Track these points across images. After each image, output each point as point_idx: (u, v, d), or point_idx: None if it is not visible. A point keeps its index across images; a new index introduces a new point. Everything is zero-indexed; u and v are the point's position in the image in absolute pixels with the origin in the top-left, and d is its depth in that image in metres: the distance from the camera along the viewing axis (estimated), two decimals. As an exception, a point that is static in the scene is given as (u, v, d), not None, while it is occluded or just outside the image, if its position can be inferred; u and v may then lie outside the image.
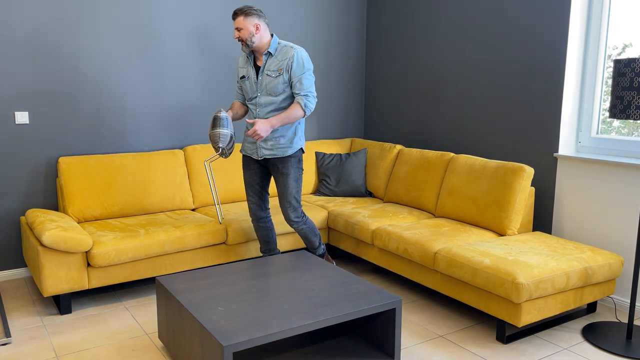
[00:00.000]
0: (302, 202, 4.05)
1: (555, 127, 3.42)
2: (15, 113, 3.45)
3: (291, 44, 3.12)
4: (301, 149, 3.22)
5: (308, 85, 3.06)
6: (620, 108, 2.55)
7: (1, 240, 3.54)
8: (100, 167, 3.56)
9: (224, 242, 3.49)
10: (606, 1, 3.25)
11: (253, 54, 3.15)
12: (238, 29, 3.03)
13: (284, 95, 3.08)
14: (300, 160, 3.21)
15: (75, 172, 3.48)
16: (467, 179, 3.49)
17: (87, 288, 3.07)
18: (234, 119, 3.27)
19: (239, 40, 3.07)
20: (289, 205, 3.20)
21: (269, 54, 3.08)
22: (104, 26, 3.65)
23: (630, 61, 2.49)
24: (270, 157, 3.16)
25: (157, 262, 3.27)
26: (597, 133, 3.40)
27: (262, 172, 3.29)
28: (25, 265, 3.65)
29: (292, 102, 3.11)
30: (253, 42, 3.05)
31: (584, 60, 3.40)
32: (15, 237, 3.58)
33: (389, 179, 4.13)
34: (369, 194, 4.29)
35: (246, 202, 4.02)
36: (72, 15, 3.54)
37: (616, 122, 3.31)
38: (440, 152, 3.80)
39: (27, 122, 3.49)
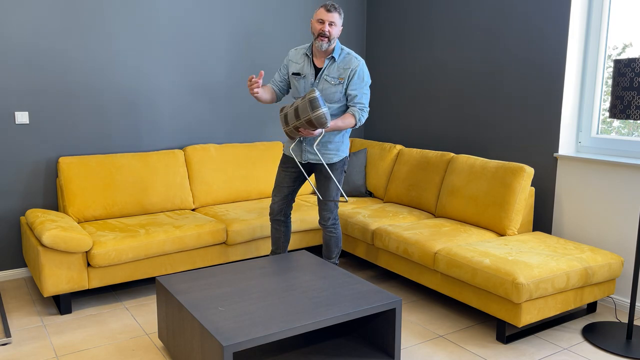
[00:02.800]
0: (303, 202, 4.04)
1: (555, 127, 3.42)
2: (15, 113, 3.45)
3: (354, 53, 3.09)
4: (346, 156, 3.21)
5: (365, 99, 3.05)
6: (620, 108, 2.55)
7: (1, 240, 3.54)
8: (100, 167, 3.56)
9: (224, 242, 3.49)
10: (606, 1, 3.24)
11: (312, 53, 3.10)
12: (330, 24, 2.96)
13: (340, 103, 3.07)
14: (344, 165, 3.19)
15: (75, 172, 3.48)
16: (467, 179, 3.49)
17: (87, 288, 3.07)
18: (263, 101, 3.11)
19: (322, 35, 2.96)
20: (326, 207, 3.17)
21: (333, 58, 3.05)
22: (104, 26, 3.65)
23: (630, 61, 2.49)
24: (314, 162, 3.15)
25: (157, 262, 3.27)
26: (597, 133, 3.40)
27: (299, 176, 3.24)
28: (25, 265, 3.65)
29: (343, 110, 3.10)
30: (332, 43, 3.01)
31: (584, 60, 3.40)
32: (15, 237, 3.58)
33: (389, 179, 4.13)
34: (369, 194, 4.29)
35: (246, 203, 4.02)
36: (72, 15, 3.54)
37: (616, 122, 3.31)
38: (440, 152, 3.80)
39: (27, 122, 3.49)
